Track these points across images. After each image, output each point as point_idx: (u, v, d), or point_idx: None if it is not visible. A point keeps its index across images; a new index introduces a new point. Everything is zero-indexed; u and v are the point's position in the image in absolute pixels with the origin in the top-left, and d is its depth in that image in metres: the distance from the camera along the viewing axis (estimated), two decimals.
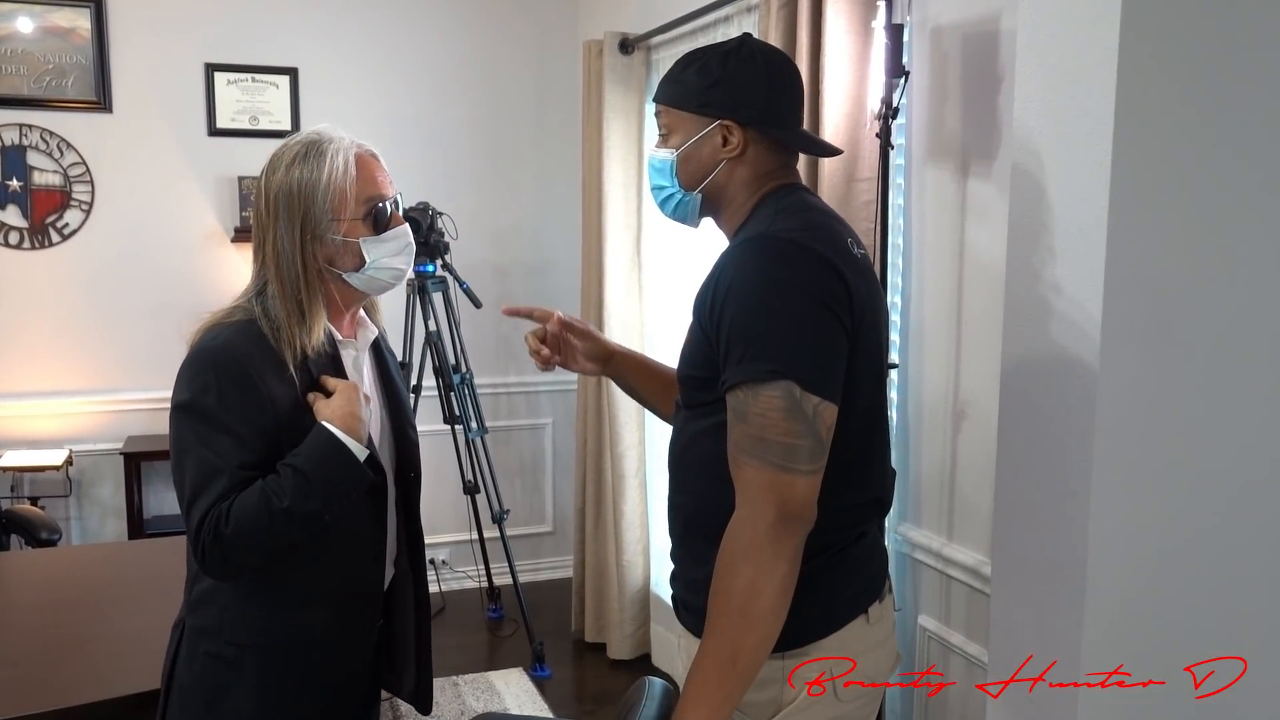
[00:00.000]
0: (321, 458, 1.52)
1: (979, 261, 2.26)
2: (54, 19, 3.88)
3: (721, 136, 1.52)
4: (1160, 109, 1.56)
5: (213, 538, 1.48)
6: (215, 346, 1.54)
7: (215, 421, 1.50)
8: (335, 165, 1.59)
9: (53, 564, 2.85)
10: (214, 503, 1.48)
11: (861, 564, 1.56)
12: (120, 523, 4.08)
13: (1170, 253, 1.59)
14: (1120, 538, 1.63)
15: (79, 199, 3.99)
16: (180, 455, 1.53)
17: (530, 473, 4.74)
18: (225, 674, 1.61)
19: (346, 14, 4.25)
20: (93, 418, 4.07)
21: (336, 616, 1.67)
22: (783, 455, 1.36)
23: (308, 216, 1.57)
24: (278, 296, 1.58)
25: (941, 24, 2.31)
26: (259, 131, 4.18)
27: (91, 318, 4.04)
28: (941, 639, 2.38)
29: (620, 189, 3.75)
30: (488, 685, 3.70)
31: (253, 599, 1.60)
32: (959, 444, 2.34)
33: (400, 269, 1.68)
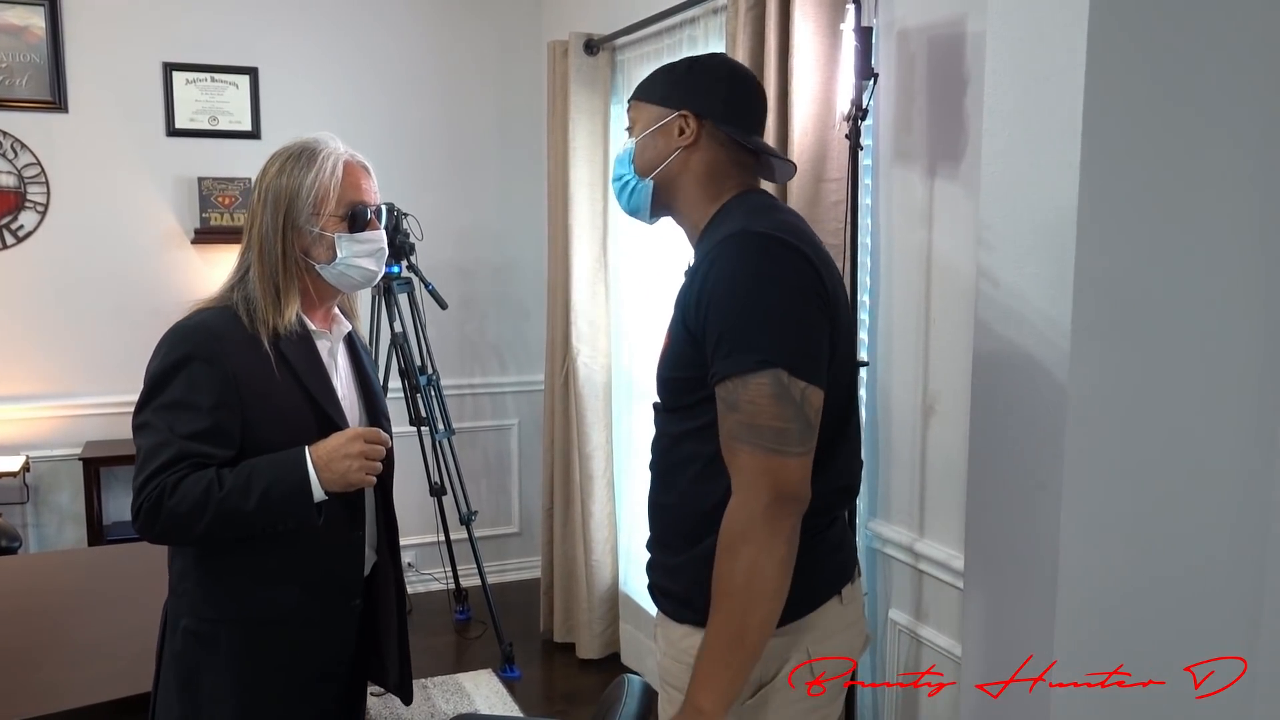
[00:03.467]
0: (279, 475, 1.58)
1: (946, 261, 2.29)
2: (6, 17, 3.81)
3: (679, 126, 1.60)
4: (1128, 112, 1.59)
5: (152, 504, 1.55)
6: (187, 324, 1.65)
7: (173, 393, 1.59)
8: (324, 167, 1.71)
9: (12, 572, 2.80)
10: (158, 470, 1.55)
11: (834, 548, 1.61)
12: (79, 529, 4.02)
13: (1138, 252, 1.63)
14: (1091, 531, 1.66)
15: (34, 200, 3.92)
16: (142, 423, 1.61)
17: (496, 474, 4.73)
18: (201, 650, 1.67)
19: (308, 13, 4.21)
20: (50, 423, 4.00)
21: (309, 595, 1.72)
22: (774, 439, 1.41)
23: (292, 207, 1.69)
24: (257, 278, 1.68)
25: (908, 26, 2.34)
26: (219, 132, 4.13)
27: (48, 321, 3.97)
28: (913, 632, 2.42)
29: (586, 189, 3.76)
30: (457, 687, 3.69)
31: (225, 574, 1.67)
32: (928, 440, 2.37)
33: (371, 270, 1.78)
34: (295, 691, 1.74)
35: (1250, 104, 1.66)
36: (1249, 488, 1.75)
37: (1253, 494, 1.75)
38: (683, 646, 1.57)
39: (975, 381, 1.83)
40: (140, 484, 1.57)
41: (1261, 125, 1.67)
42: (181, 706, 1.67)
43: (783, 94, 2.49)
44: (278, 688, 1.71)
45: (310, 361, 1.72)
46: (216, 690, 1.67)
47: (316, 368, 1.73)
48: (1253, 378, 1.73)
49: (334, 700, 1.83)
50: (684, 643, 1.57)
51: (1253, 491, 1.75)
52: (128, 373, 4.05)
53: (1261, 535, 1.77)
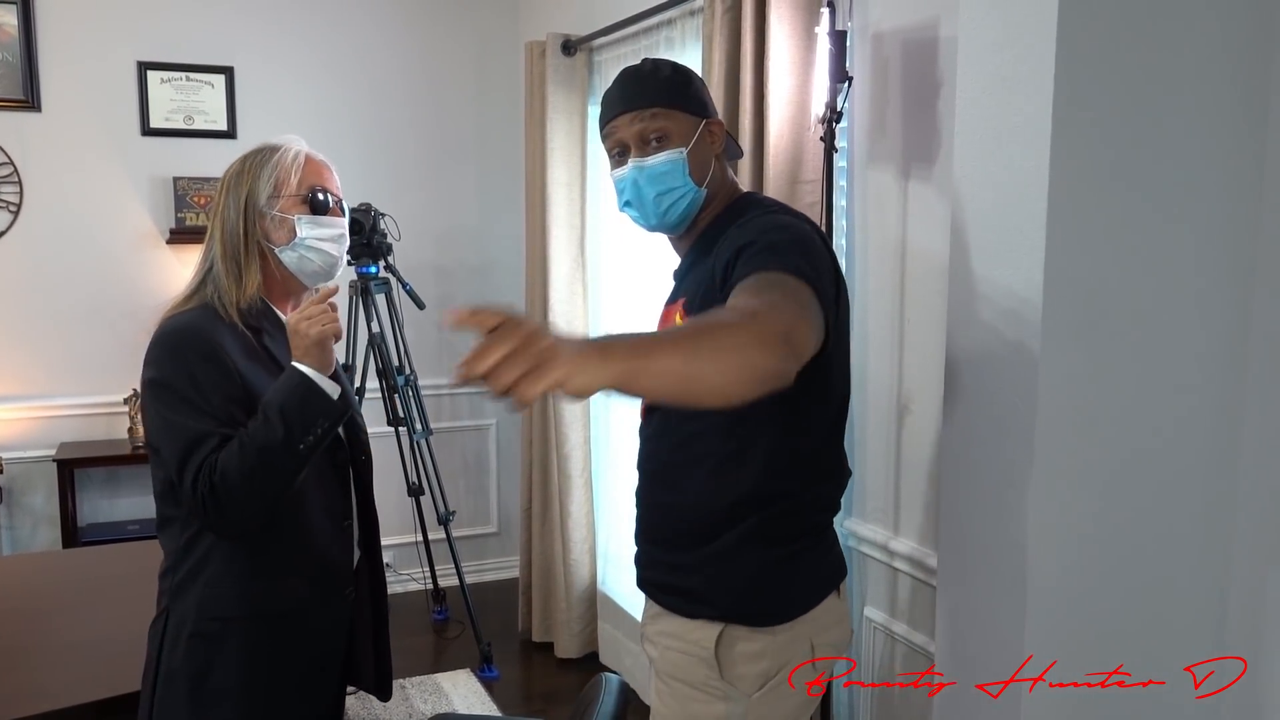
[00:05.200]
0: (283, 392, 1.61)
1: (920, 261, 2.32)
2: None
3: (710, 134, 1.68)
4: (1095, 115, 1.62)
5: (208, 489, 1.56)
6: (180, 327, 1.65)
7: (189, 394, 1.60)
8: (285, 155, 1.76)
9: None
10: (204, 460, 1.57)
11: (833, 544, 1.70)
12: (53, 531, 4.00)
13: (1107, 253, 1.65)
14: (1059, 529, 1.69)
15: (6, 200, 3.89)
16: (161, 429, 1.62)
17: (475, 474, 4.73)
18: (209, 651, 1.67)
19: (284, 12, 4.20)
20: (23, 424, 3.98)
21: (310, 585, 1.75)
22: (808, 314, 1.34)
23: (253, 191, 1.72)
24: (219, 260, 1.72)
25: (882, 30, 2.37)
26: (194, 131, 4.11)
27: (21, 322, 3.95)
28: (887, 629, 2.44)
29: (564, 189, 3.77)
30: (435, 687, 3.69)
31: (229, 574, 1.68)
32: (903, 439, 2.40)
33: (331, 255, 1.78)
34: (297, 685, 1.76)
35: (1217, 106, 1.69)
36: (1215, 487, 1.78)
37: (1218, 494, 1.78)
38: (693, 639, 1.60)
39: (948, 381, 1.85)
40: (190, 484, 1.57)
41: (1228, 127, 1.70)
42: (190, 707, 1.67)
43: (758, 96, 2.51)
44: (282, 682, 1.73)
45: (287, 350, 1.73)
46: (224, 688, 1.68)
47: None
48: (1218, 376, 1.76)
49: (330, 693, 1.86)
50: (695, 634, 1.60)
51: (1218, 491, 1.78)
52: (102, 374, 4.06)
53: (1226, 534, 1.80)
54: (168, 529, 1.73)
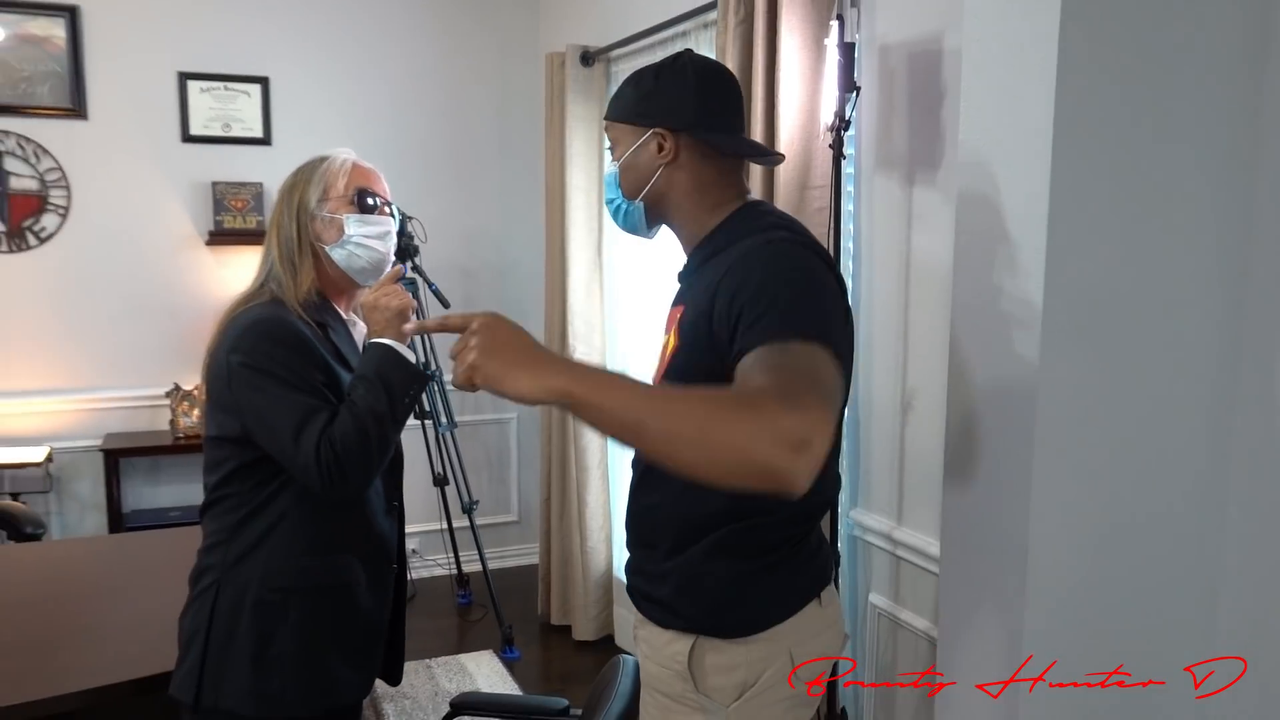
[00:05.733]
0: (376, 364, 1.66)
1: (924, 264, 2.31)
2: (29, 28, 3.80)
3: (657, 144, 1.50)
4: (1095, 124, 1.61)
5: (332, 457, 1.60)
6: (267, 317, 1.68)
7: (289, 375, 1.64)
8: (333, 161, 1.79)
9: (38, 557, 2.80)
10: (321, 431, 1.61)
11: (813, 554, 1.56)
12: (99, 517, 4.02)
13: (1106, 259, 1.64)
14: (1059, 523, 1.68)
15: (55, 203, 3.91)
16: (269, 408, 1.64)
17: (496, 465, 4.73)
18: (272, 620, 1.69)
19: (317, 25, 4.21)
20: (72, 415, 4.00)
21: (361, 561, 1.78)
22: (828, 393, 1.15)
23: (304, 195, 1.76)
24: (276, 261, 1.75)
25: (889, 42, 2.36)
26: (231, 138, 4.12)
27: (70, 319, 3.97)
28: (891, 615, 2.44)
29: (583, 194, 3.76)
30: (460, 667, 3.70)
31: (291, 549, 1.71)
32: (906, 434, 2.39)
33: (378, 252, 1.80)
34: (349, 655, 1.77)
35: (1211, 119, 1.67)
36: (1208, 484, 1.77)
37: (1210, 490, 1.77)
38: (667, 653, 1.51)
39: (951, 382, 1.84)
40: (313, 454, 1.60)
41: (1222, 139, 1.68)
42: (252, 673, 1.68)
43: (769, 105, 2.50)
44: (336, 651, 1.75)
45: (350, 345, 1.80)
46: (284, 654, 1.69)
47: (356, 349, 1.81)
48: (1212, 376, 1.74)
49: (375, 666, 1.87)
50: (669, 649, 1.51)
51: (1210, 488, 1.77)
52: (146, 367, 4.08)
53: (1218, 528, 1.79)
54: (219, 506, 1.73)
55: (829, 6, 2.40)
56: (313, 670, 1.72)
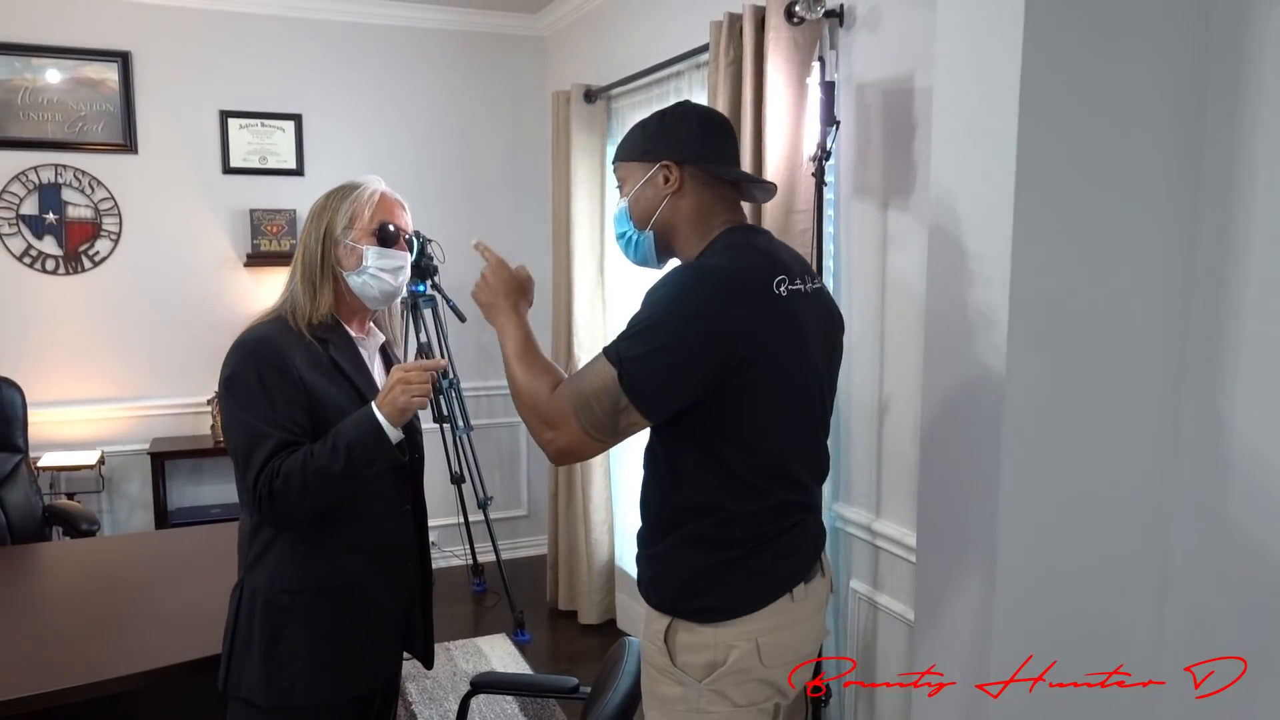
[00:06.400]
0: (355, 431, 1.60)
1: (898, 280, 2.32)
2: (85, 72, 3.80)
3: (663, 176, 1.53)
4: (1053, 155, 1.62)
5: (268, 491, 1.57)
6: (252, 338, 1.65)
7: (255, 396, 1.59)
8: (363, 191, 1.75)
9: (93, 552, 2.79)
10: (265, 461, 1.57)
11: (790, 552, 1.51)
12: (147, 514, 4.00)
13: (1066, 271, 1.65)
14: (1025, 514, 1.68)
15: (108, 230, 3.90)
16: (229, 425, 1.62)
17: (507, 464, 4.72)
18: (279, 618, 1.67)
19: (345, 68, 4.21)
20: (122, 422, 3.98)
21: (369, 562, 1.74)
22: (589, 414, 1.42)
23: (331, 221, 1.72)
24: (299, 281, 1.72)
25: (865, 81, 2.36)
26: (268, 170, 4.12)
27: (120, 334, 3.96)
28: (870, 599, 2.43)
29: (586, 218, 3.76)
30: (475, 649, 3.69)
31: (298, 553, 1.67)
32: (884, 435, 2.39)
33: (390, 285, 1.75)
34: (361, 648, 1.74)
35: (1159, 147, 1.68)
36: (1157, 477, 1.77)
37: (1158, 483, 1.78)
38: (651, 630, 1.53)
39: (925, 385, 1.84)
40: (252, 480, 1.57)
41: (1170, 165, 1.70)
42: (264, 667, 1.67)
43: (757, 137, 2.51)
44: (346, 646, 1.72)
45: (355, 363, 1.74)
46: (293, 651, 1.67)
47: (360, 367, 1.75)
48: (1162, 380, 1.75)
49: (393, 655, 1.84)
50: (652, 627, 1.53)
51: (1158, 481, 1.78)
52: (189, 378, 4.07)
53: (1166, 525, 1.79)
54: (242, 514, 1.72)
55: (810, 49, 2.41)
56: (322, 664, 1.69)
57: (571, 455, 1.47)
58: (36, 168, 3.78)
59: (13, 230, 3.77)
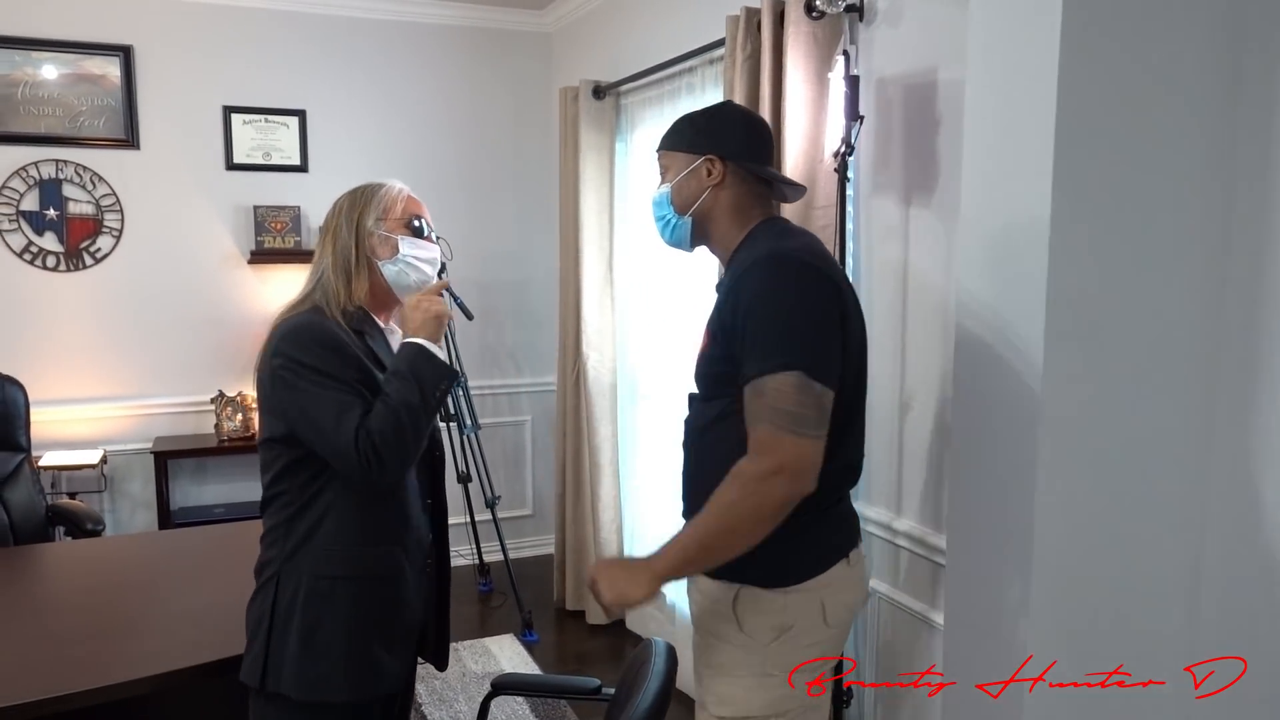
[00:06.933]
0: (409, 361, 1.65)
1: (921, 278, 2.29)
2: (87, 66, 3.75)
3: (706, 169, 1.64)
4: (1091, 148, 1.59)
5: (371, 449, 1.57)
6: (306, 323, 1.65)
7: (327, 372, 1.61)
8: (391, 188, 1.79)
9: (99, 552, 2.74)
10: (358, 424, 1.58)
11: (841, 520, 1.66)
12: (149, 514, 3.95)
13: (1103, 269, 1.63)
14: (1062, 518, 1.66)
15: (110, 226, 3.85)
16: (310, 402, 1.61)
17: (512, 463, 4.69)
18: (320, 607, 1.66)
19: (350, 63, 4.17)
20: (124, 420, 3.93)
21: (402, 553, 1.74)
22: (791, 421, 1.44)
23: (364, 213, 1.74)
24: (330, 270, 1.72)
25: (885, 75, 2.34)
26: (271, 166, 4.07)
27: (122, 332, 3.91)
28: (890, 599, 2.41)
29: (595, 215, 3.73)
30: (484, 649, 3.65)
31: (340, 539, 1.67)
32: (904, 433, 2.36)
33: (425, 273, 1.79)
34: (390, 643, 1.73)
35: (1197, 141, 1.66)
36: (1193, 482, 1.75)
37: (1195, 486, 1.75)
38: (716, 597, 1.61)
39: (956, 385, 1.81)
40: (351, 446, 1.57)
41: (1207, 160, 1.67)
42: (302, 655, 1.65)
43: (776, 132, 2.47)
44: (380, 638, 1.71)
45: (388, 353, 1.75)
46: (331, 640, 1.66)
47: (391, 354, 1.76)
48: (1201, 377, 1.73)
49: (413, 655, 1.83)
50: (717, 594, 1.61)
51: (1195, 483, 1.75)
52: (192, 376, 4.02)
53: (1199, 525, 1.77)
54: (275, 504, 1.70)
55: (830, 44, 2.38)
56: (357, 658, 1.68)
57: (810, 468, 1.46)
58: (37, 163, 3.73)
59: (13, 226, 3.72)
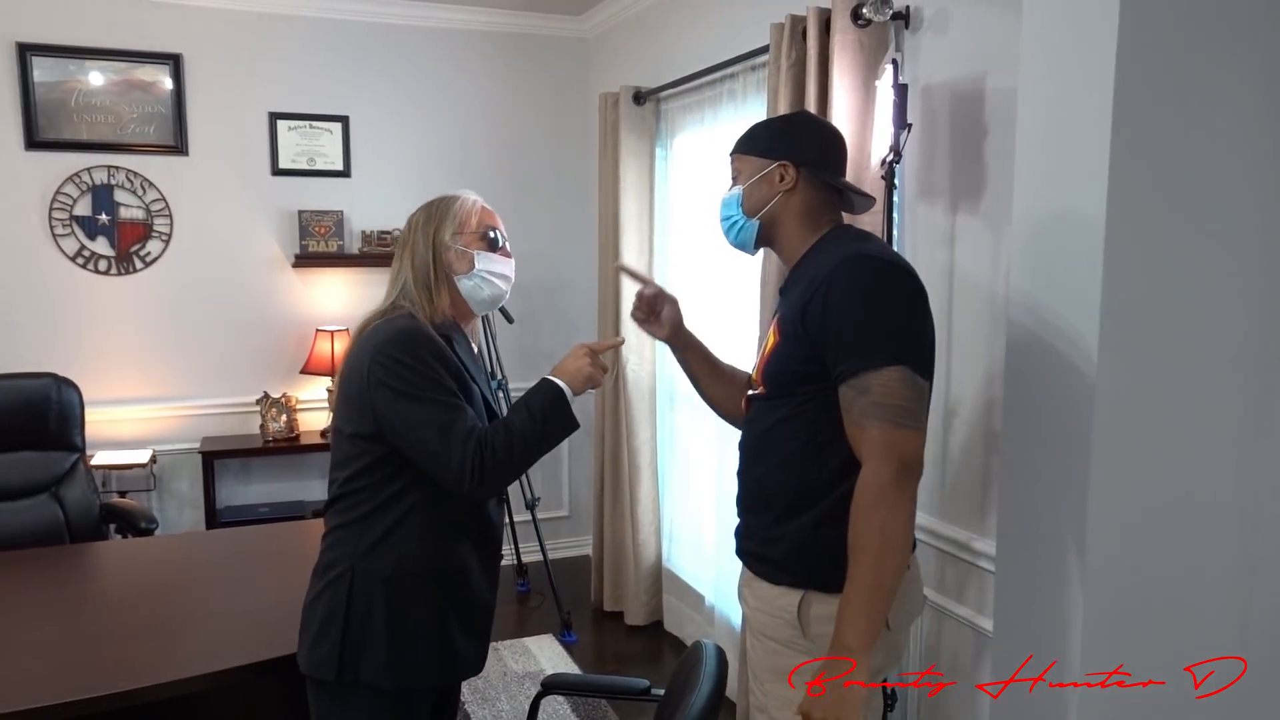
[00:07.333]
0: (542, 398, 1.69)
1: (967, 283, 2.29)
2: (138, 75, 3.83)
3: (779, 174, 1.66)
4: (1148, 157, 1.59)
5: (478, 461, 1.61)
6: (413, 329, 1.68)
7: (434, 377, 1.64)
8: (466, 200, 1.83)
9: (153, 551, 2.80)
10: (467, 434, 1.61)
11: None
12: (196, 513, 4.03)
13: (1159, 272, 1.62)
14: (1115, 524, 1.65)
15: (159, 231, 3.93)
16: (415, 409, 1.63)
17: (549, 465, 4.71)
18: (404, 597, 1.70)
19: (391, 69, 4.22)
20: (172, 421, 4.01)
21: (476, 548, 1.79)
22: (901, 415, 1.47)
23: (440, 227, 1.77)
24: (412, 285, 1.75)
25: (932, 83, 2.34)
26: (315, 171, 4.14)
27: (171, 334, 3.99)
28: (936, 604, 2.41)
29: (635, 219, 3.76)
30: (523, 649, 3.69)
31: (418, 536, 1.71)
32: (949, 438, 2.37)
33: (500, 288, 1.82)
34: (470, 630, 1.78)
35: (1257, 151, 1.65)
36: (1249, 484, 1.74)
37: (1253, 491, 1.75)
38: (778, 604, 1.62)
39: (1008, 387, 1.81)
40: (459, 453, 1.60)
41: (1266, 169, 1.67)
42: (390, 643, 1.68)
43: None
44: (459, 626, 1.75)
45: (472, 360, 1.80)
46: (418, 630, 1.70)
47: (476, 364, 1.82)
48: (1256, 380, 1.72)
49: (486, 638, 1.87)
50: (779, 601, 1.62)
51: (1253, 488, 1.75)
52: (238, 377, 4.09)
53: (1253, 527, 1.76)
54: (348, 500, 1.72)
55: (876, 51, 2.39)
56: (441, 645, 1.73)
57: (920, 459, 1.50)
58: (90, 169, 3.81)
59: (66, 231, 3.81)
